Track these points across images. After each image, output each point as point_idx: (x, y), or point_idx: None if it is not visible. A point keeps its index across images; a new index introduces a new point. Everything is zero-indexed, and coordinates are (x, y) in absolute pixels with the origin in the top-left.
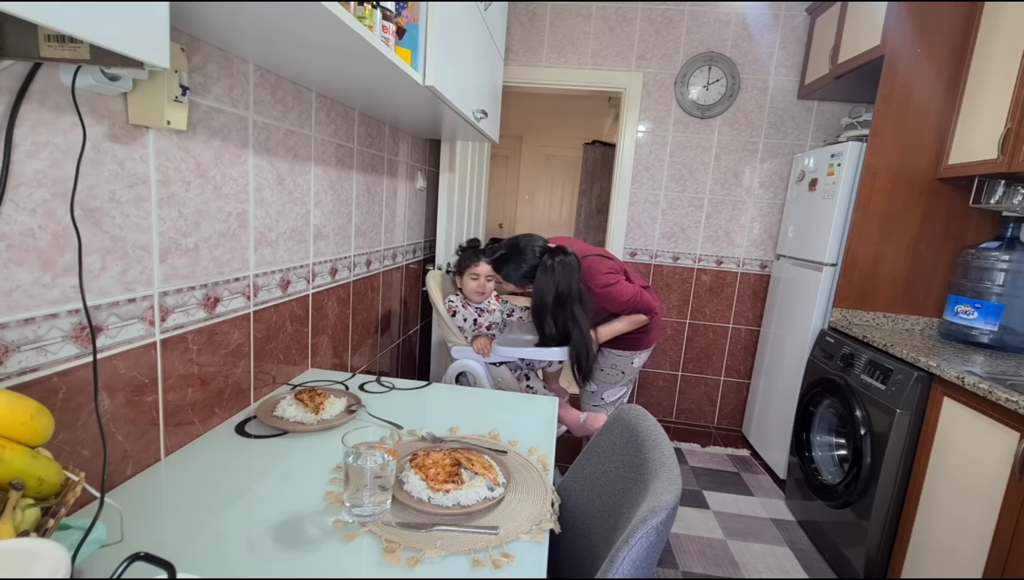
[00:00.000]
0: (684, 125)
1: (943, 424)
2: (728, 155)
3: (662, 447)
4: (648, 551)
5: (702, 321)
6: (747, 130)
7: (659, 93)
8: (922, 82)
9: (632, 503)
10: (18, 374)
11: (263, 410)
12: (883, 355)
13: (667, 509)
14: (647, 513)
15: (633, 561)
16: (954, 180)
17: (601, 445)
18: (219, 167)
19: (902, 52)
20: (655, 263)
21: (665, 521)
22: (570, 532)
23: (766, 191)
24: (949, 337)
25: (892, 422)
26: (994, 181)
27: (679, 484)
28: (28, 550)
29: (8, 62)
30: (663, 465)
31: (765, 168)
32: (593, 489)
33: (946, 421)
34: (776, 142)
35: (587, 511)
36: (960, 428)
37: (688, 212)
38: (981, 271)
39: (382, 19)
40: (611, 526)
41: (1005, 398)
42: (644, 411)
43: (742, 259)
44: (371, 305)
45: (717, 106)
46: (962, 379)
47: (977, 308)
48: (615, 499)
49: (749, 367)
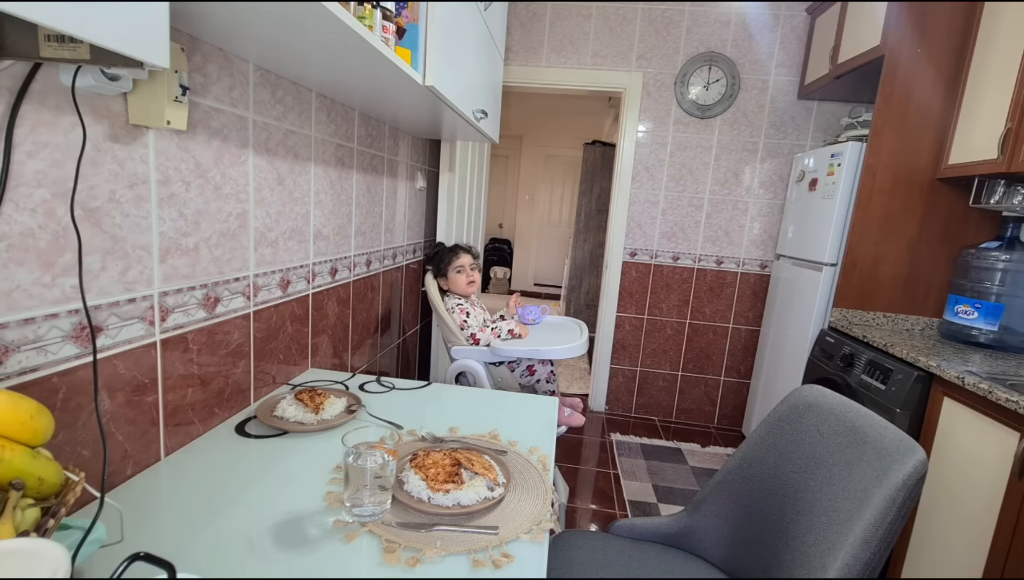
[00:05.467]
0: (684, 125)
1: (943, 424)
2: (728, 155)
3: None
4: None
5: (702, 321)
6: (747, 130)
7: (659, 93)
8: (922, 82)
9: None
10: (18, 374)
11: (263, 410)
12: (883, 355)
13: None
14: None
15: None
16: (954, 180)
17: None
18: (219, 167)
19: (902, 52)
20: (655, 263)
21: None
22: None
23: (766, 191)
24: (949, 337)
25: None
26: (994, 181)
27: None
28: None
29: (8, 62)
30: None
31: (765, 168)
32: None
33: (946, 421)
34: (776, 142)
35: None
36: (960, 428)
37: (688, 212)
38: (981, 271)
39: (382, 19)
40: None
41: (1005, 398)
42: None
43: (742, 259)
44: (371, 305)
45: (717, 106)
46: (962, 379)
47: (977, 308)
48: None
49: (749, 367)
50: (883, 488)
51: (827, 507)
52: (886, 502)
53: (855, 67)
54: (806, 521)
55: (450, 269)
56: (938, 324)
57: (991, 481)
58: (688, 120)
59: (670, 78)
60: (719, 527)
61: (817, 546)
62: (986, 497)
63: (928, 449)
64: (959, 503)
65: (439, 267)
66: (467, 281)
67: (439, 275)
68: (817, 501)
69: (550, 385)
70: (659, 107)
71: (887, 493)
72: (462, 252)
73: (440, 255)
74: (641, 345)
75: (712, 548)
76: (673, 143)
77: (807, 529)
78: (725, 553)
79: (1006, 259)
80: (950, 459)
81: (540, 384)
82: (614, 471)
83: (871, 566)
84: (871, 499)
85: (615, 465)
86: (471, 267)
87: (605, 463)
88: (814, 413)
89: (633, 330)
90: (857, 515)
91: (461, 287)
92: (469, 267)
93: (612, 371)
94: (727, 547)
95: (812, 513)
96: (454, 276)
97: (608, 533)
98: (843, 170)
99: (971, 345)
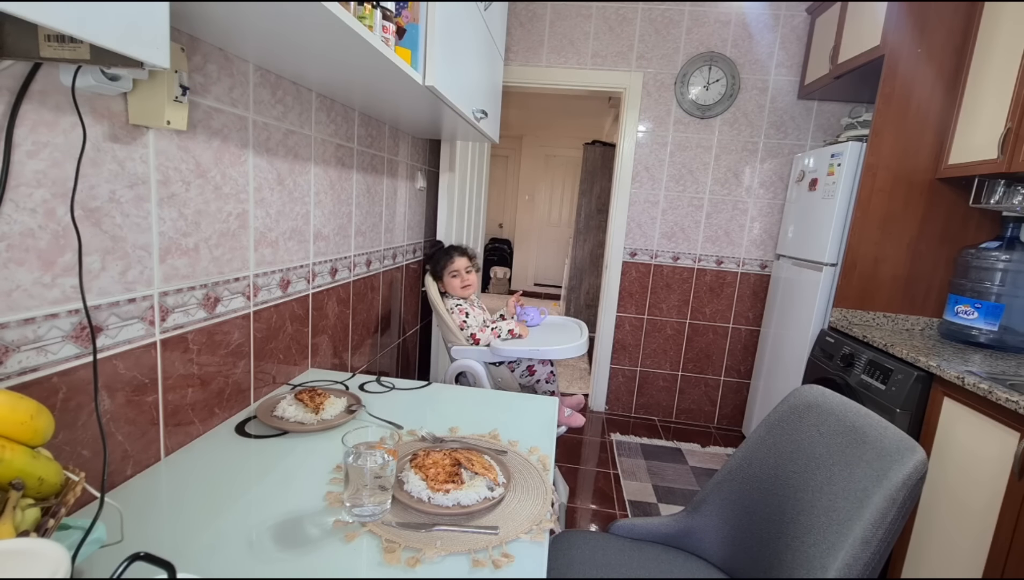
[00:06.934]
0: (684, 125)
1: (943, 424)
2: (728, 155)
3: (870, 416)
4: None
5: (702, 321)
6: (747, 130)
7: (659, 93)
8: (922, 82)
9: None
10: (18, 374)
11: (263, 410)
12: (883, 355)
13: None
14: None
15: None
16: (954, 180)
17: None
18: (219, 167)
19: (902, 52)
20: (655, 263)
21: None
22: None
23: (766, 191)
24: (949, 337)
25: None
26: (994, 181)
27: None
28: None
29: (8, 62)
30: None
31: (765, 168)
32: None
33: (946, 421)
34: (776, 142)
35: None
36: (960, 428)
37: (688, 212)
38: (981, 271)
39: (382, 19)
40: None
41: (1005, 398)
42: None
43: (742, 259)
44: (371, 305)
45: (717, 106)
46: (962, 379)
47: (977, 308)
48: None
49: (749, 367)
50: (883, 488)
51: (827, 507)
52: (886, 502)
53: (855, 67)
54: (806, 521)
55: (445, 273)
56: (938, 324)
57: (991, 481)
58: (688, 120)
59: (670, 78)
60: (719, 527)
61: (817, 546)
62: (986, 497)
63: (928, 449)
64: (959, 503)
65: (435, 270)
66: (462, 285)
67: (436, 278)
68: (817, 501)
69: (550, 385)
70: (659, 107)
71: (887, 493)
72: (456, 256)
73: (436, 258)
74: (641, 345)
75: (712, 548)
76: (673, 143)
77: (807, 529)
78: (725, 553)
79: (1006, 259)
80: (950, 459)
81: (540, 384)
82: (614, 471)
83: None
84: (871, 499)
85: (615, 465)
86: (466, 270)
87: (605, 463)
88: (814, 413)
89: (633, 330)
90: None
91: (457, 291)
92: (464, 270)
93: (612, 371)
94: (727, 547)
95: (812, 513)
96: (449, 280)
97: (608, 533)
98: (843, 170)
99: (971, 345)
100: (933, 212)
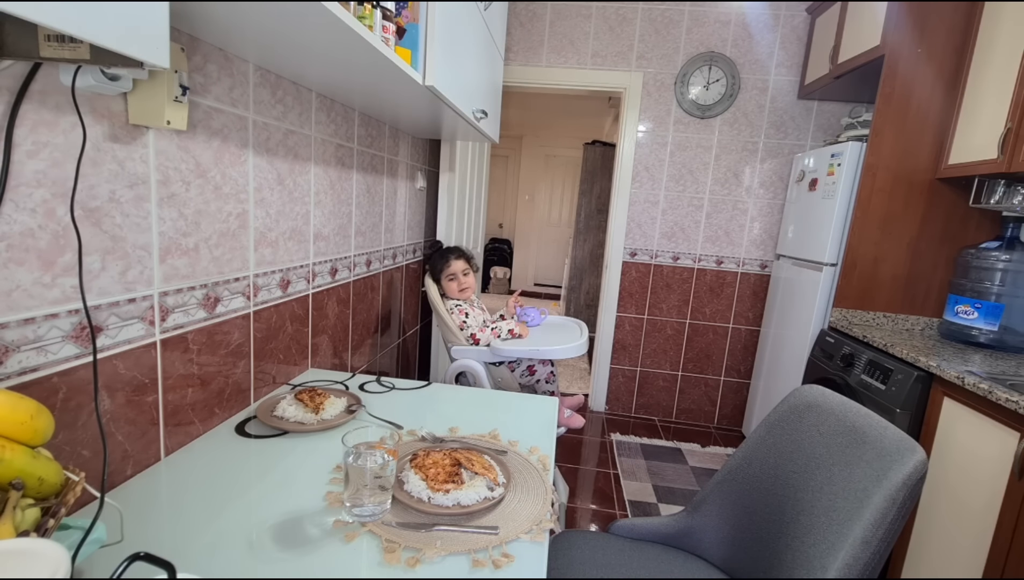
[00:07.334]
0: (684, 125)
1: (943, 424)
2: (728, 155)
3: (870, 416)
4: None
5: (702, 321)
6: (747, 130)
7: (659, 93)
8: (922, 82)
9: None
10: (18, 374)
11: (263, 410)
12: (883, 355)
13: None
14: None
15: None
16: (954, 180)
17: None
18: (219, 167)
19: (902, 52)
20: (655, 263)
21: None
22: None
23: (766, 191)
24: (949, 337)
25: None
26: (994, 181)
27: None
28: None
29: (8, 62)
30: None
31: (765, 168)
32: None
33: (946, 421)
34: (776, 142)
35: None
36: (960, 428)
37: (688, 212)
38: (981, 271)
39: (382, 19)
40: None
41: (1005, 398)
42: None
43: (742, 259)
44: (371, 305)
45: (717, 106)
46: (962, 379)
47: (977, 308)
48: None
49: (749, 367)
50: (883, 488)
51: (827, 507)
52: (886, 502)
53: (855, 67)
54: (806, 521)
55: (442, 276)
56: (938, 324)
57: (991, 481)
58: (688, 120)
59: (670, 78)
60: (719, 527)
61: (817, 546)
62: (986, 497)
63: (928, 449)
64: (959, 503)
65: (433, 272)
66: (459, 288)
67: (434, 281)
68: (817, 501)
69: (550, 385)
70: (659, 107)
71: (887, 493)
72: (453, 259)
73: (433, 261)
74: (641, 345)
75: (712, 548)
76: (673, 143)
77: (807, 529)
78: (725, 553)
79: (1006, 259)
80: (950, 459)
81: (540, 384)
82: (614, 471)
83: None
84: (871, 499)
85: (615, 465)
86: (463, 273)
87: (605, 463)
88: (814, 413)
89: (633, 330)
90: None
91: (454, 294)
92: (461, 273)
93: (612, 371)
94: (727, 547)
95: (812, 513)
96: (447, 283)
97: (608, 533)
98: (843, 170)
99: (971, 345)
100: (933, 212)
